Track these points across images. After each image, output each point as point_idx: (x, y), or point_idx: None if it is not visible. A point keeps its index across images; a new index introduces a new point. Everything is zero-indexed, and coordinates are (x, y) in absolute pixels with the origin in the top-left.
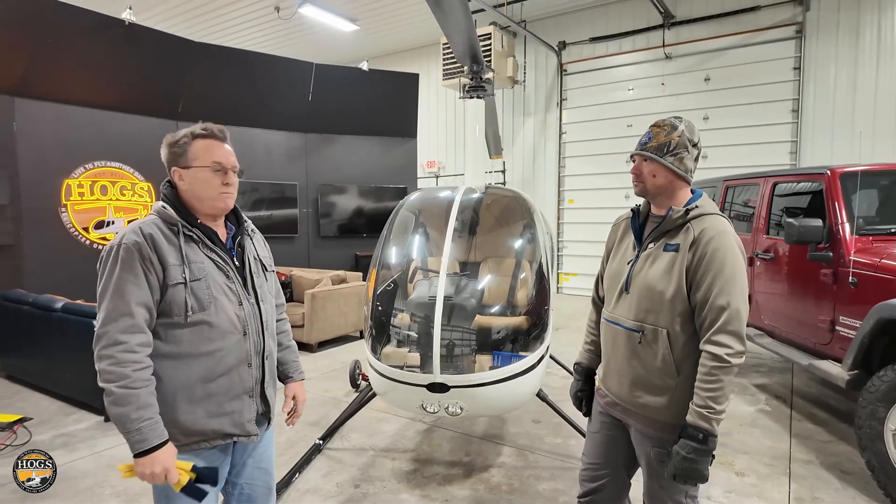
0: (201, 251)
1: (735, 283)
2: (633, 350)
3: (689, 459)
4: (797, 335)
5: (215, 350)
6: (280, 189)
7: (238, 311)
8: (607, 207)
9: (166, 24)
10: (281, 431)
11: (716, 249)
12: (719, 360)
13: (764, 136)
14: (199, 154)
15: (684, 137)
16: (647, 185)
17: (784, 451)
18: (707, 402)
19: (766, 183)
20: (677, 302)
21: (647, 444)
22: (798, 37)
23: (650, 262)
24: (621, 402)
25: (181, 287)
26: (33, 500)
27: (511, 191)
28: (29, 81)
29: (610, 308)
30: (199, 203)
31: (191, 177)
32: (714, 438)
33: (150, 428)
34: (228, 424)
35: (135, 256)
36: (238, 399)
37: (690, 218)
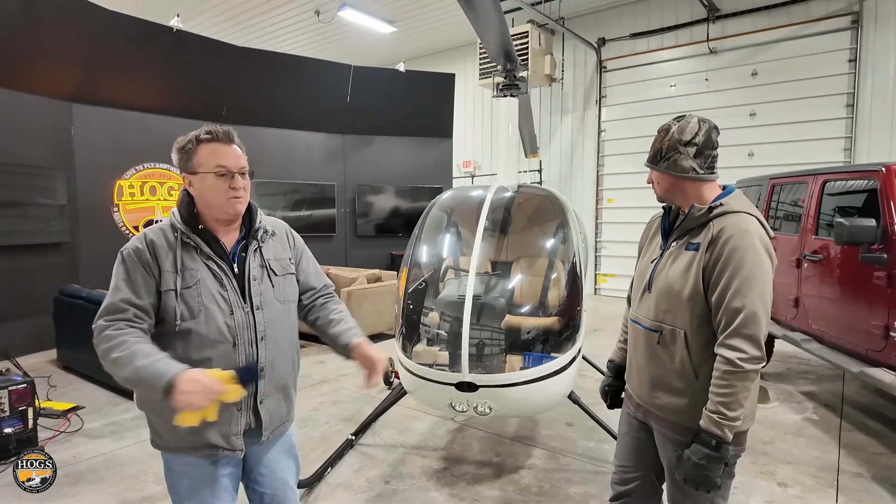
0: (199, 258)
1: (753, 284)
2: (651, 350)
3: (699, 465)
4: (848, 341)
5: (203, 359)
6: (319, 189)
7: (228, 320)
8: (648, 207)
9: (211, 30)
10: (316, 426)
11: (734, 248)
12: (732, 365)
13: (815, 133)
14: (204, 159)
15: (674, 139)
16: (657, 192)
17: (832, 463)
18: (719, 408)
19: (814, 181)
20: (694, 302)
21: (668, 448)
22: (854, 27)
23: (671, 261)
24: (643, 403)
25: (172, 294)
26: (86, 483)
27: (544, 190)
28: (85, 88)
29: (634, 307)
30: (209, 209)
31: (199, 183)
32: (727, 446)
33: (163, 362)
34: (215, 435)
35: (135, 262)
36: (225, 411)
37: (713, 216)
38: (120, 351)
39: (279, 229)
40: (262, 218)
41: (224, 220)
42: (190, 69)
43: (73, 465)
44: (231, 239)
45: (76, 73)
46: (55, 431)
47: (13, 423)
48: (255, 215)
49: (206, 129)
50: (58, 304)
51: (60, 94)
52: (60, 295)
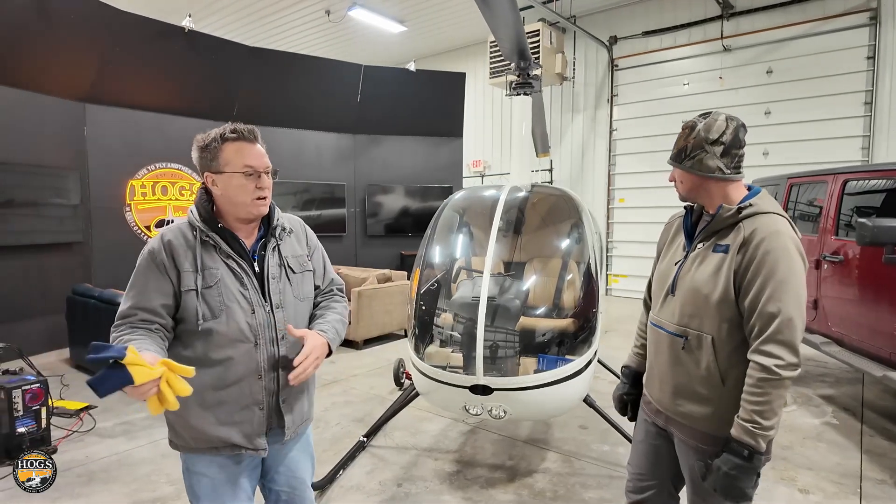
0: (218, 257)
1: (788, 288)
2: (675, 356)
3: (730, 476)
4: (869, 344)
5: (225, 358)
6: (329, 189)
7: (250, 319)
8: (660, 206)
9: (223, 30)
10: (327, 427)
11: (767, 251)
12: (768, 372)
13: (832, 131)
14: (230, 158)
15: (700, 137)
16: (680, 191)
17: (854, 469)
18: (753, 417)
19: (835, 180)
20: (724, 307)
21: (691, 456)
22: (872, 24)
23: (697, 263)
24: (664, 410)
25: (193, 294)
26: (99, 483)
27: (558, 189)
28: (98, 88)
29: (655, 311)
30: (233, 209)
31: (224, 182)
32: (760, 456)
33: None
34: (237, 435)
35: (148, 264)
36: (248, 410)
37: (742, 217)
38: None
39: (296, 226)
40: (280, 215)
41: (247, 219)
42: (201, 69)
43: (86, 465)
44: (250, 238)
45: (89, 74)
46: (68, 431)
47: (27, 423)
48: (273, 213)
49: (230, 127)
50: (70, 303)
51: (74, 95)
52: (73, 294)
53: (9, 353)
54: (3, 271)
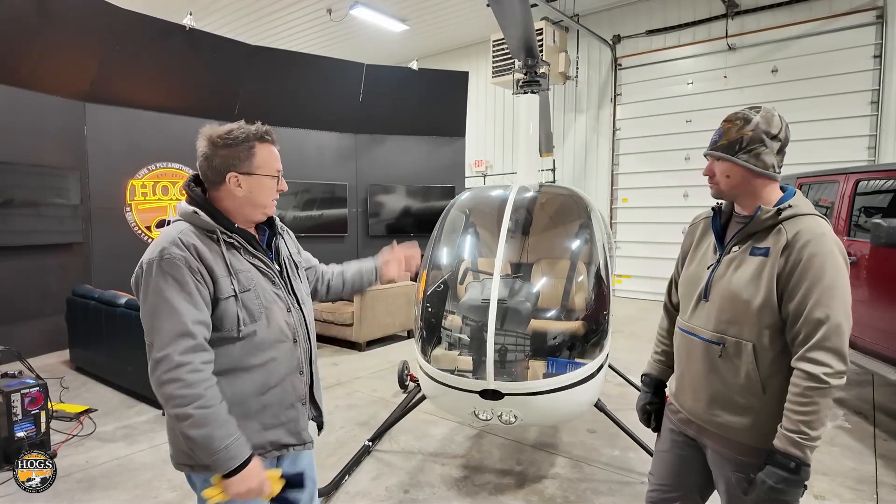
0: (244, 258)
1: (835, 293)
2: (711, 364)
3: (776, 490)
4: (884, 346)
5: (268, 361)
6: (331, 189)
7: (287, 318)
8: (664, 207)
9: (224, 29)
10: (331, 431)
11: (813, 255)
12: (816, 381)
13: (838, 131)
14: (264, 161)
15: (759, 130)
16: (722, 187)
17: (869, 474)
18: (800, 427)
19: (846, 180)
20: (766, 313)
21: (727, 468)
22: (879, 22)
23: (734, 267)
24: (696, 420)
25: (232, 300)
26: (99, 489)
27: (567, 188)
28: (98, 87)
29: (686, 317)
30: (252, 210)
31: (253, 184)
32: (807, 468)
33: (238, 444)
34: (284, 434)
35: (184, 271)
36: (292, 408)
37: (783, 219)
38: (198, 407)
39: (284, 225)
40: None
41: (258, 220)
42: (203, 68)
43: (87, 470)
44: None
45: (90, 73)
46: (68, 435)
47: (26, 427)
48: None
49: (263, 128)
50: (70, 304)
51: (74, 94)
52: (73, 295)
53: (7, 356)
54: (2, 272)
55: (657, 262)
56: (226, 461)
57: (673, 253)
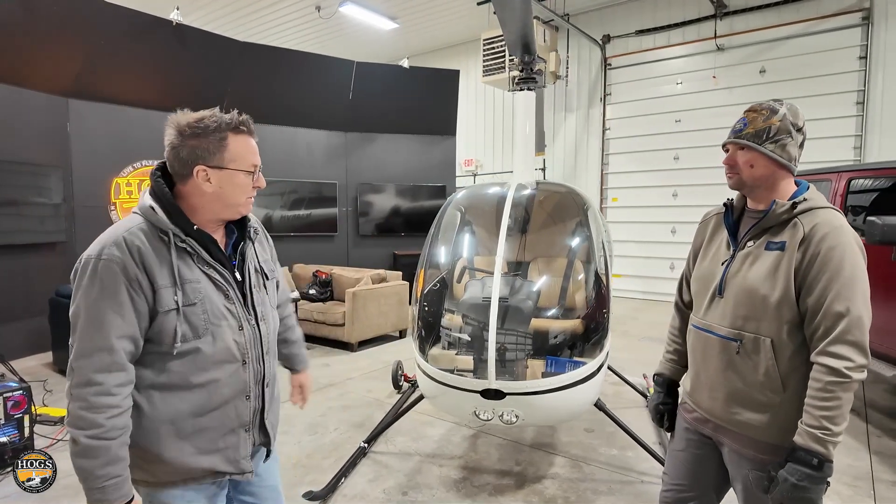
0: (196, 266)
1: (855, 286)
2: (728, 361)
3: (800, 487)
4: (878, 343)
5: (208, 381)
6: (320, 188)
7: (238, 336)
8: (653, 206)
9: (211, 24)
10: (325, 433)
11: (831, 248)
12: (837, 375)
13: (825, 131)
14: (238, 154)
15: (787, 121)
16: (744, 177)
17: (865, 471)
18: (822, 423)
19: (839, 179)
20: (784, 308)
21: (745, 466)
22: (865, 24)
23: (750, 262)
24: (713, 419)
25: (173, 314)
26: None
27: (564, 186)
28: (82, 83)
29: (700, 314)
30: (222, 209)
31: (224, 180)
32: (830, 464)
33: (115, 487)
34: (221, 462)
35: (118, 278)
36: (233, 434)
37: (798, 212)
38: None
39: (258, 225)
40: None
41: (227, 220)
42: (189, 64)
43: (73, 476)
44: (223, 240)
45: (73, 68)
46: (52, 439)
47: (9, 432)
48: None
49: (237, 117)
50: (54, 305)
51: (57, 90)
52: (56, 296)
53: None
54: None
55: (647, 262)
56: (95, 502)
57: (663, 252)
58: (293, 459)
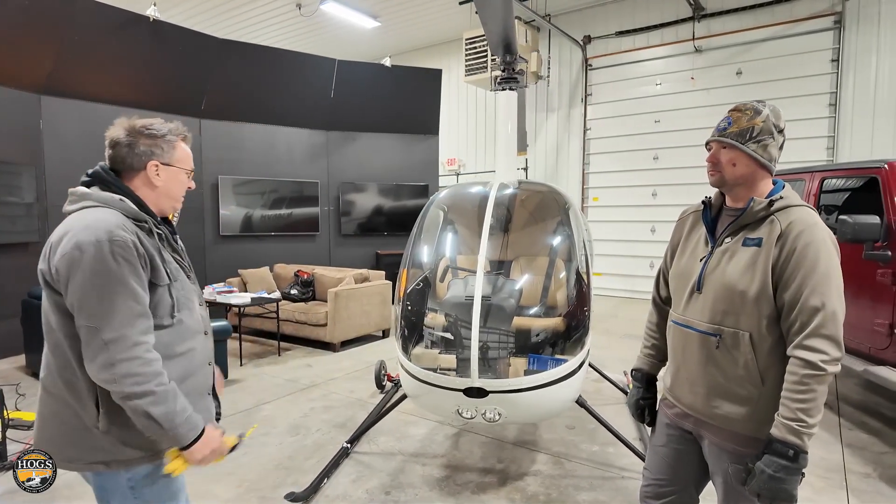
0: (167, 250)
1: (830, 281)
2: (708, 356)
3: (776, 479)
4: (850, 339)
5: (188, 350)
6: (301, 187)
7: (202, 311)
8: (633, 205)
9: (189, 21)
10: (308, 434)
11: (807, 244)
12: (813, 368)
13: (799, 132)
14: (183, 156)
15: (769, 122)
16: (726, 175)
17: (837, 463)
18: (798, 415)
19: (812, 179)
20: (762, 302)
21: (725, 460)
22: (836, 27)
23: (727, 258)
24: (694, 414)
25: (167, 288)
26: (61, 500)
27: (545, 185)
28: (55, 79)
29: (679, 310)
30: (166, 202)
31: (171, 176)
32: (805, 455)
33: (194, 417)
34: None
35: (133, 253)
36: (204, 398)
37: (775, 210)
38: (159, 384)
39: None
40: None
41: (166, 215)
42: (167, 61)
43: (69, 474)
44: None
45: (46, 64)
46: (26, 444)
47: None
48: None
49: (182, 128)
50: (26, 306)
51: (28, 86)
52: (29, 297)
53: None
54: None
55: (627, 260)
56: (188, 432)
57: (642, 251)
58: (275, 461)
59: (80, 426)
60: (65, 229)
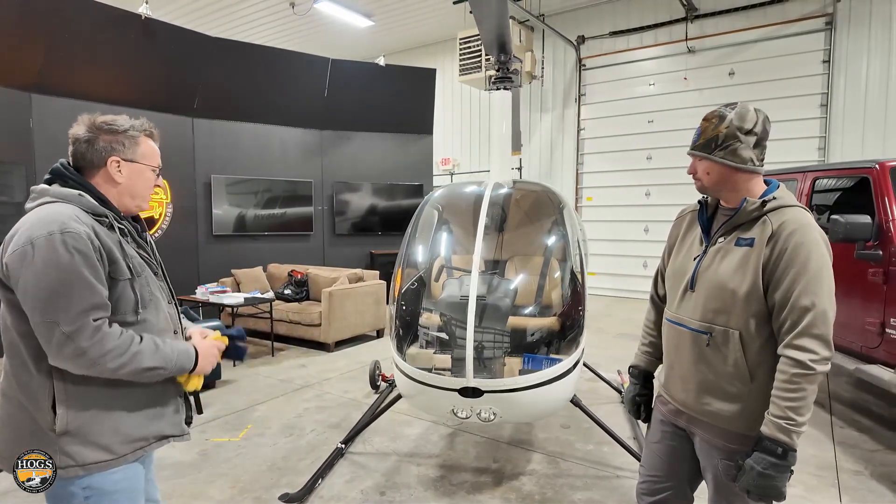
0: (130, 246)
1: (821, 281)
2: (699, 353)
3: (765, 475)
4: (841, 338)
5: None
6: (295, 187)
7: (170, 309)
8: (627, 205)
9: (182, 19)
10: (302, 434)
11: (799, 244)
12: (803, 367)
13: (791, 132)
14: (147, 152)
15: (733, 127)
16: (705, 184)
17: (829, 461)
18: (787, 413)
19: (804, 178)
20: (752, 301)
21: (715, 456)
22: (828, 29)
23: (720, 257)
24: (686, 410)
25: (128, 283)
26: None
27: (540, 185)
28: (45, 77)
29: (673, 308)
30: (130, 200)
31: (135, 173)
32: (794, 453)
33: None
34: (168, 426)
35: (87, 245)
36: (174, 400)
37: (767, 210)
38: (136, 344)
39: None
40: None
41: (131, 213)
42: (160, 59)
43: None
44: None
45: (36, 61)
46: None
47: None
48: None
49: (147, 124)
50: None
51: (19, 84)
52: None
53: None
54: None
55: (621, 260)
56: (186, 361)
57: (636, 250)
58: (269, 461)
59: (36, 429)
60: (19, 225)
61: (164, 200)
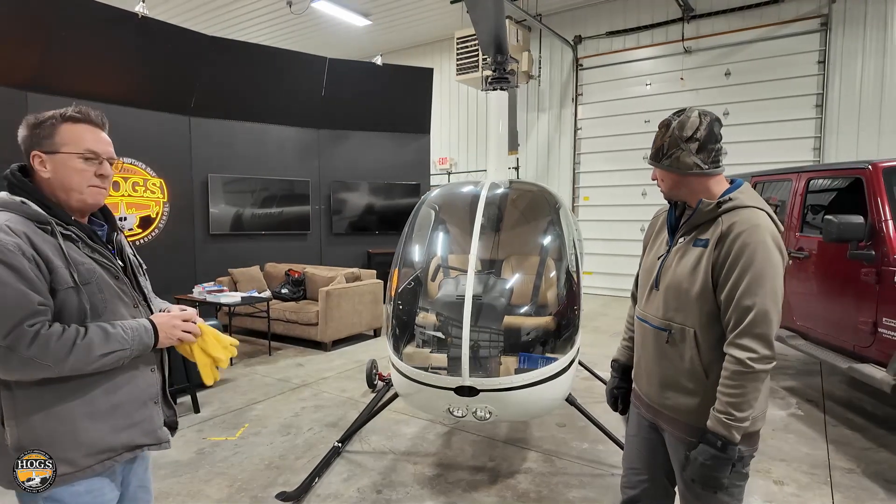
0: (83, 251)
1: (764, 281)
2: (661, 350)
3: (707, 466)
4: (834, 337)
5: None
6: (293, 186)
7: (135, 313)
8: (624, 205)
9: (178, 18)
10: (299, 433)
11: (745, 244)
12: (742, 365)
13: (786, 132)
14: (69, 139)
15: (674, 136)
16: (663, 189)
17: (822, 459)
18: (727, 409)
19: (798, 179)
20: (704, 301)
21: (680, 449)
22: (823, 29)
23: (679, 257)
24: (652, 404)
25: (72, 291)
26: None
27: (536, 185)
28: (41, 76)
29: (641, 305)
30: (65, 195)
31: (57, 164)
32: (733, 447)
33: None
34: (139, 434)
35: (19, 257)
36: (145, 407)
37: (722, 211)
38: (81, 337)
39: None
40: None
41: (79, 209)
42: (156, 58)
43: None
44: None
45: (32, 60)
46: None
47: None
48: (108, 208)
49: (75, 108)
50: None
51: (14, 82)
52: None
53: None
54: None
55: (617, 259)
56: (145, 336)
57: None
58: (266, 460)
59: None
60: None
61: (160, 199)
